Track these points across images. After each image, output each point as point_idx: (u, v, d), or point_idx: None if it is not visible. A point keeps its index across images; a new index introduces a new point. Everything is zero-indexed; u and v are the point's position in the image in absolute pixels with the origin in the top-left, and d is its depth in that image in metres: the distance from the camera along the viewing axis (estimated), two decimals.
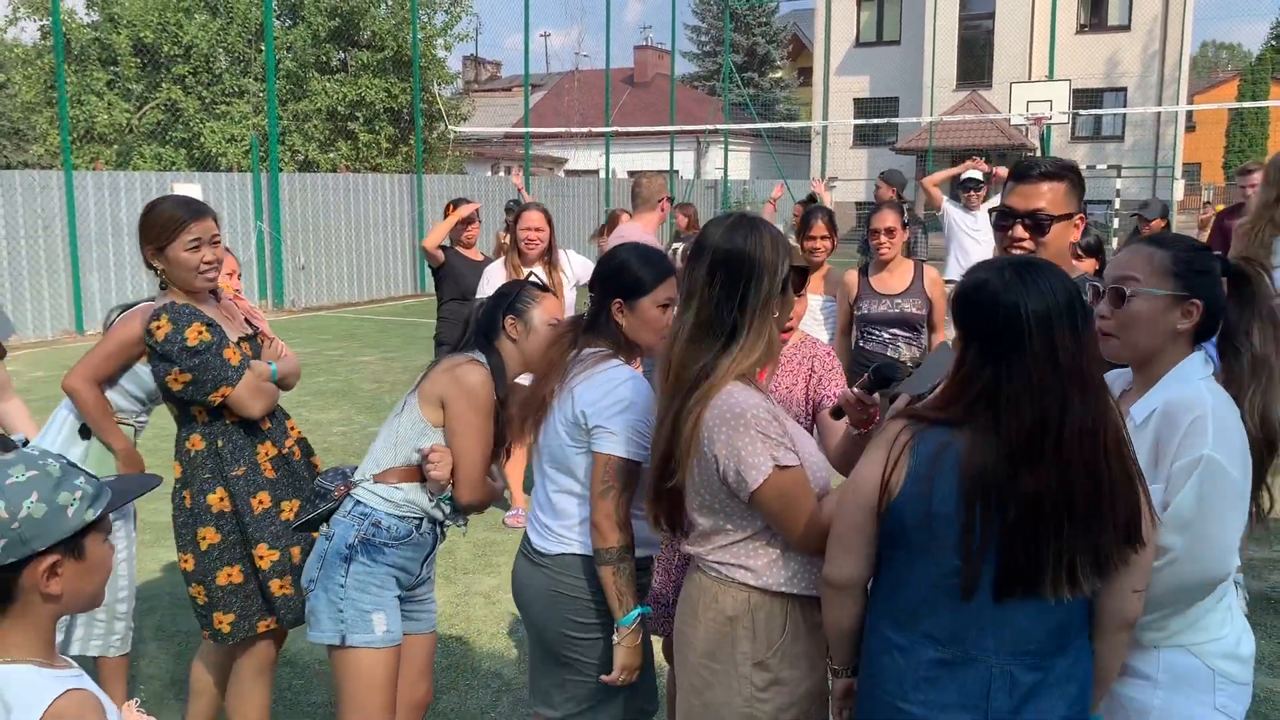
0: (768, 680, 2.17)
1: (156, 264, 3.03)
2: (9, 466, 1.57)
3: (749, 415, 2.10)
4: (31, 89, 21.29)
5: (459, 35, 23.67)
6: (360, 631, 2.72)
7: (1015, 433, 1.81)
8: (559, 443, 2.54)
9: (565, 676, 2.58)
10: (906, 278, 5.10)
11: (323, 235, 16.86)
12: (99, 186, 13.89)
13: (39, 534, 1.55)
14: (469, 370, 2.75)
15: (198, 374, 2.94)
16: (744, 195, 27.42)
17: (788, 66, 43.01)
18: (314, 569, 2.79)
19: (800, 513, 2.12)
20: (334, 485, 2.88)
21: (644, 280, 2.56)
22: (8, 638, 1.59)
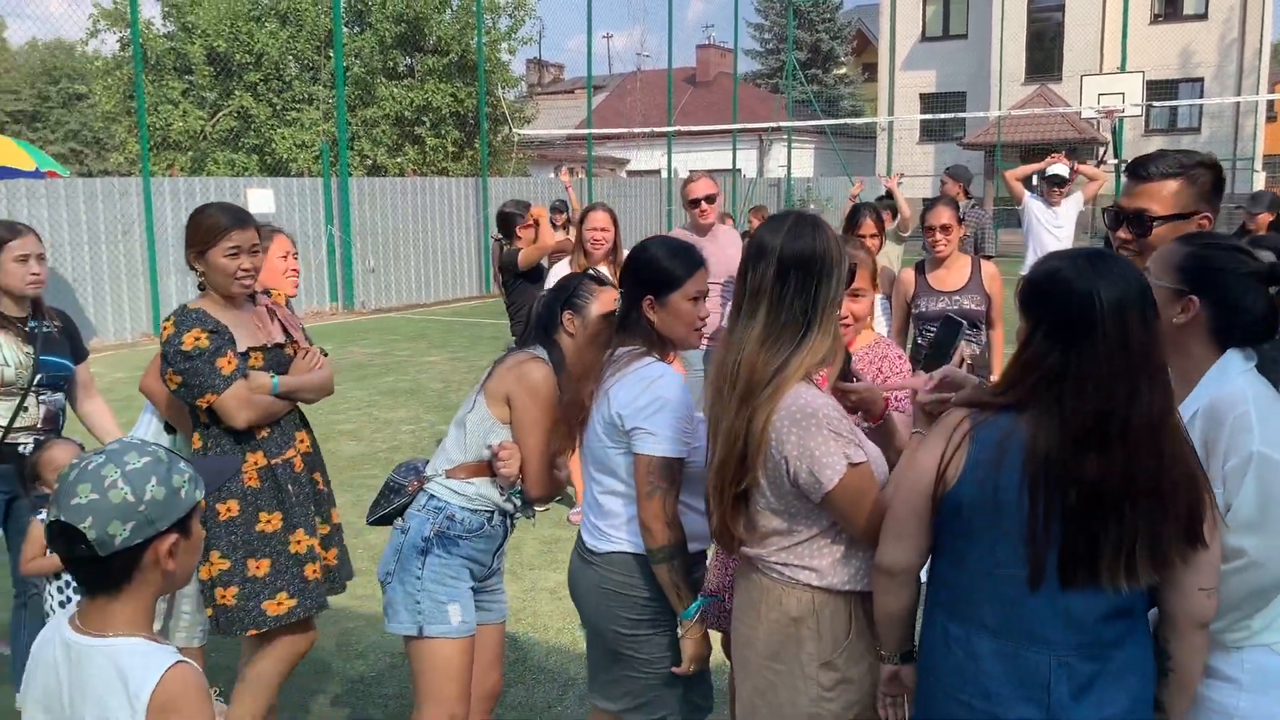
0: (835, 680, 2.17)
1: (197, 267, 3.11)
2: (124, 454, 1.66)
3: (820, 414, 2.10)
4: (111, 99, 21.96)
5: (523, 39, 23.90)
6: (437, 622, 2.78)
7: (1080, 417, 1.80)
8: (600, 444, 2.57)
9: (620, 672, 2.61)
10: (964, 274, 5.04)
11: (391, 238, 17.12)
12: (175, 192, 14.27)
13: (162, 514, 1.66)
14: (532, 367, 2.79)
15: (187, 378, 2.99)
16: (808, 193, 27.22)
17: (852, 63, 42.59)
18: (390, 562, 2.85)
19: (869, 506, 2.11)
20: (407, 480, 2.93)
21: (674, 274, 2.56)
22: (120, 614, 1.68)
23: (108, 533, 1.61)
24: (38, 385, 3.66)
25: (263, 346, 3.18)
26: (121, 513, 1.62)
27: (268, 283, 3.75)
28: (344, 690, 4.05)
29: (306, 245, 15.77)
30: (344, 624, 4.65)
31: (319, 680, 4.14)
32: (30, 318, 3.71)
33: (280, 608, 3.13)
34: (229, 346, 3.04)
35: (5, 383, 3.59)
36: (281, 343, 3.26)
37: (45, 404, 3.70)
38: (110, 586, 1.68)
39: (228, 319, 3.10)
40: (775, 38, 40.83)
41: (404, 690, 4.00)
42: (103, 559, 1.63)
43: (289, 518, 3.16)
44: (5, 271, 3.60)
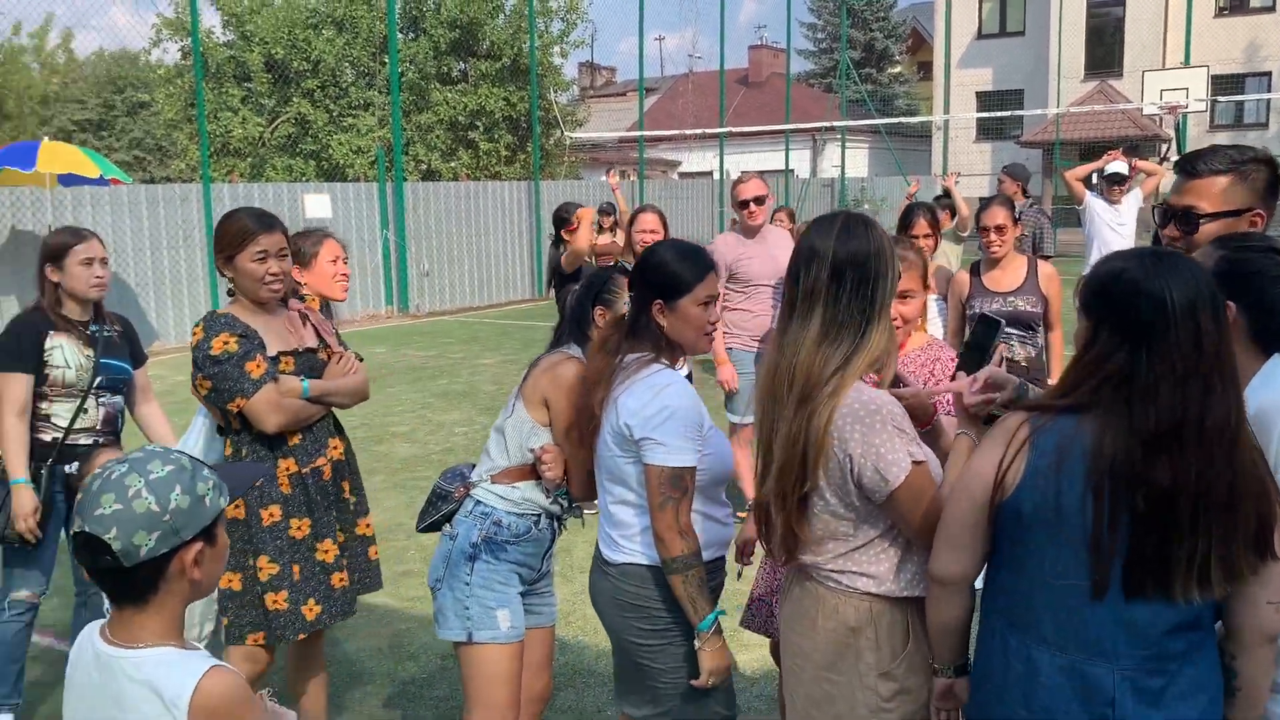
0: (893, 690, 2.13)
1: (226, 272, 3.11)
2: (147, 463, 1.64)
3: (884, 411, 2.06)
4: (173, 107, 22.43)
5: (575, 42, 23.99)
6: (486, 628, 2.78)
7: (1152, 420, 1.74)
8: (610, 453, 2.54)
9: (642, 680, 2.59)
10: (1019, 275, 4.95)
11: (445, 242, 17.27)
12: (234, 198, 14.51)
13: (187, 523, 1.64)
14: (566, 368, 2.78)
15: (216, 382, 2.98)
16: (862, 193, 26.97)
17: (907, 61, 42.17)
18: (440, 569, 2.85)
19: (929, 506, 2.07)
20: (453, 486, 2.92)
21: (684, 279, 2.51)
22: (149, 624, 1.67)
23: (133, 543, 1.59)
24: (97, 388, 3.72)
25: (293, 351, 3.16)
26: (147, 523, 1.60)
27: (317, 287, 3.78)
28: (395, 691, 4.08)
29: (363, 250, 15.97)
30: (396, 625, 4.68)
31: (371, 681, 4.17)
32: (92, 322, 3.78)
33: (311, 613, 3.12)
34: (258, 350, 3.03)
35: (66, 384, 3.66)
36: (314, 347, 3.24)
37: (105, 406, 3.77)
38: (137, 597, 1.66)
39: (257, 324, 3.09)
40: (829, 37, 40.55)
41: (454, 692, 4.01)
42: (128, 570, 1.61)
43: (316, 526, 3.14)
44: (70, 275, 3.67)
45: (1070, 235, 18.66)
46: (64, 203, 12.63)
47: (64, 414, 3.68)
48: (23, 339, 3.64)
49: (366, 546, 3.40)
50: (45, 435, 3.67)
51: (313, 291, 3.74)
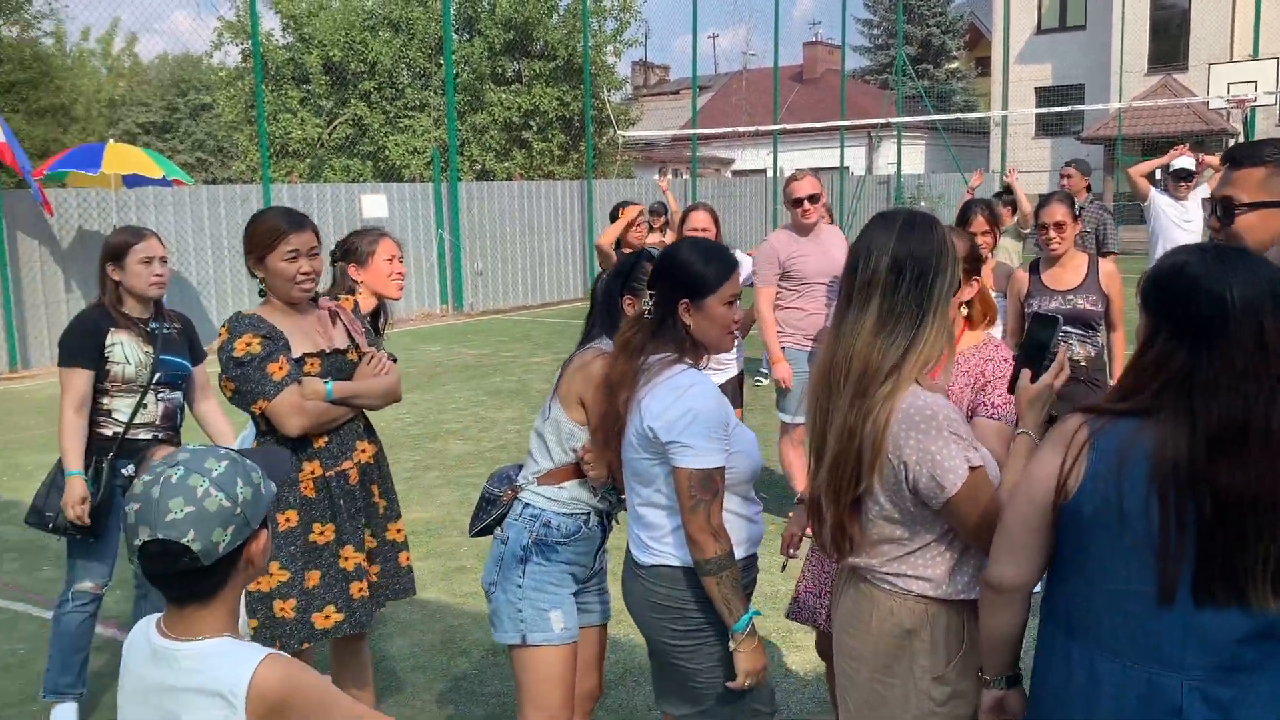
0: (946, 694, 2.10)
1: (257, 272, 3.09)
2: (202, 462, 1.65)
3: (940, 417, 2.02)
4: (233, 109, 22.84)
5: (628, 41, 24.02)
6: (539, 630, 2.78)
7: (1215, 421, 1.69)
8: (636, 456, 2.52)
9: (679, 681, 2.57)
10: (1080, 272, 4.85)
11: (499, 241, 17.38)
12: (293, 198, 14.73)
13: (255, 513, 1.68)
14: (598, 366, 2.75)
15: (239, 384, 2.97)
16: (918, 190, 26.66)
17: (964, 57, 41.58)
18: (493, 572, 2.85)
19: (986, 509, 2.03)
20: (501, 490, 2.91)
21: (711, 278, 2.49)
22: (208, 619, 1.69)
23: (212, 541, 1.61)
24: (156, 384, 3.79)
25: (320, 352, 3.12)
26: (222, 519, 1.62)
27: (373, 285, 3.81)
28: (447, 687, 4.10)
29: (418, 249, 16.14)
30: (448, 621, 4.71)
31: (422, 677, 4.20)
32: (152, 319, 3.85)
33: (328, 621, 3.07)
34: (282, 352, 2.99)
35: (126, 380, 3.74)
36: (343, 348, 3.19)
37: (164, 402, 3.84)
38: (206, 594, 1.68)
39: (285, 324, 3.06)
40: (884, 33, 40.15)
41: (506, 689, 4.03)
42: (204, 569, 1.63)
43: (340, 532, 3.10)
44: (130, 273, 3.74)
45: (1131, 233, 18.29)
46: (128, 203, 12.92)
47: (124, 409, 3.76)
48: (84, 336, 3.72)
49: (398, 552, 3.36)
50: (106, 430, 3.76)
51: (368, 290, 3.77)
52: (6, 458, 8.01)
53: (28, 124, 16.70)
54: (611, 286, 2.91)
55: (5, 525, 6.26)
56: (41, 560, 5.63)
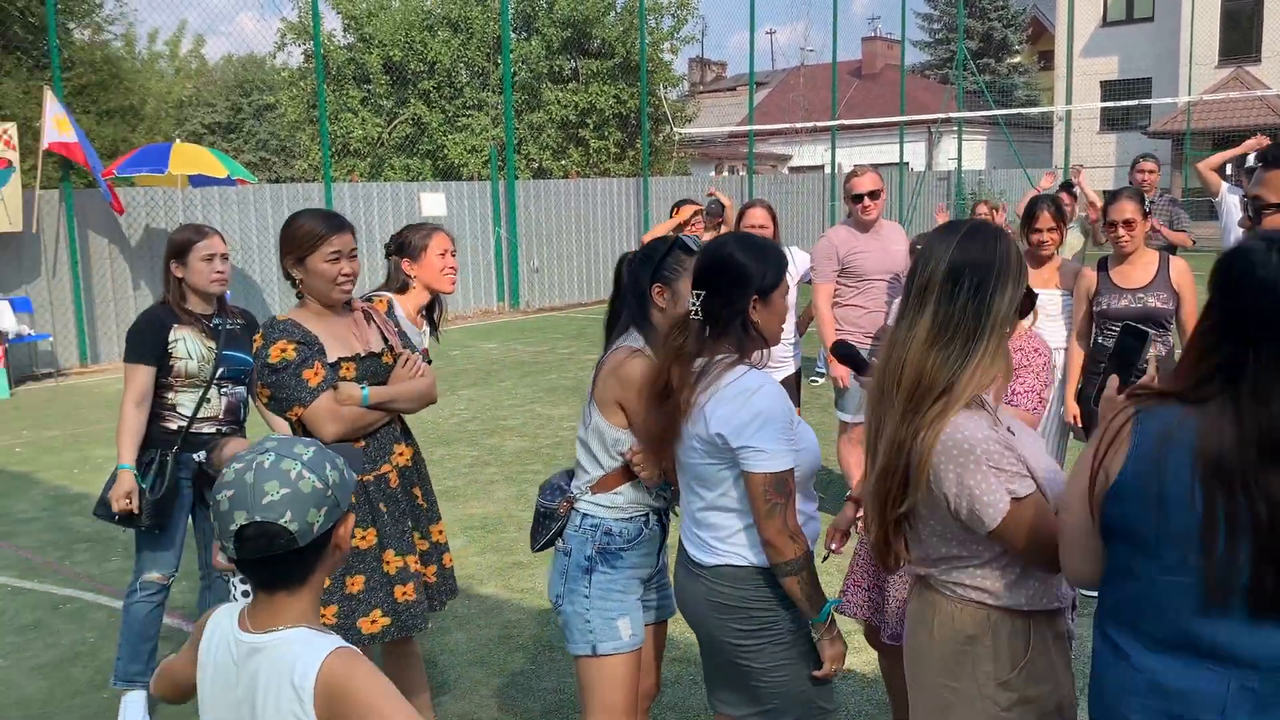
0: (1012, 700, 2.05)
1: (296, 274, 3.07)
2: (291, 447, 1.70)
3: (979, 450, 1.96)
4: (296, 109, 23.21)
5: (685, 38, 23.96)
6: (608, 639, 2.76)
7: (1264, 425, 1.60)
8: (699, 462, 2.48)
9: (741, 681, 2.54)
10: (1150, 270, 4.72)
11: (555, 239, 17.46)
12: (354, 197, 14.94)
13: (344, 495, 1.73)
14: (632, 367, 2.69)
15: (274, 391, 2.95)
16: (979, 187, 26.28)
17: (1027, 51, 40.88)
18: (559, 585, 2.82)
19: (1041, 537, 1.97)
20: (555, 503, 2.86)
21: (773, 272, 2.47)
22: (293, 606, 1.72)
23: (307, 521, 1.65)
24: (219, 378, 3.85)
25: (355, 356, 3.09)
26: (315, 500, 1.66)
27: (426, 279, 3.79)
28: (504, 682, 4.12)
29: (475, 246, 16.28)
30: (506, 616, 4.73)
31: (480, 672, 4.22)
32: (215, 315, 3.91)
33: (374, 626, 3.04)
34: (317, 357, 2.98)
35: (189, 375, 3.80)
36: (377, 351, 3.17)
37: (227, 396, 3.89)
38: (297, 579, 1.72)
39: (320, 329, 3.03)
40: (945, 27, 39.63)
41: (563, 684, 4.04)
42: (296, 551, 1.67)
43: (381, 535, 3.08)
44: (192, 270, 3.81)
45: (1201, 229, 17.82)
46: (194, 202, 13.18)
47: (188, 403, 3.83)
48: (148, 332, 3.79)
49: (440, 554, 3.35)
50: (171, 424, 3.83)
51: (421, 284, 3.78)
52: (77, 451, 8.21)
53: (98, 124, 17.11)
54: (640, 273, 2.81)
55: (76, 517, 6.42)
56: (110, 551, 5.77)
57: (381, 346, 3.19)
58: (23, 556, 5.81)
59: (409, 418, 3.33)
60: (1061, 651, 2.10)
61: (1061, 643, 2.10)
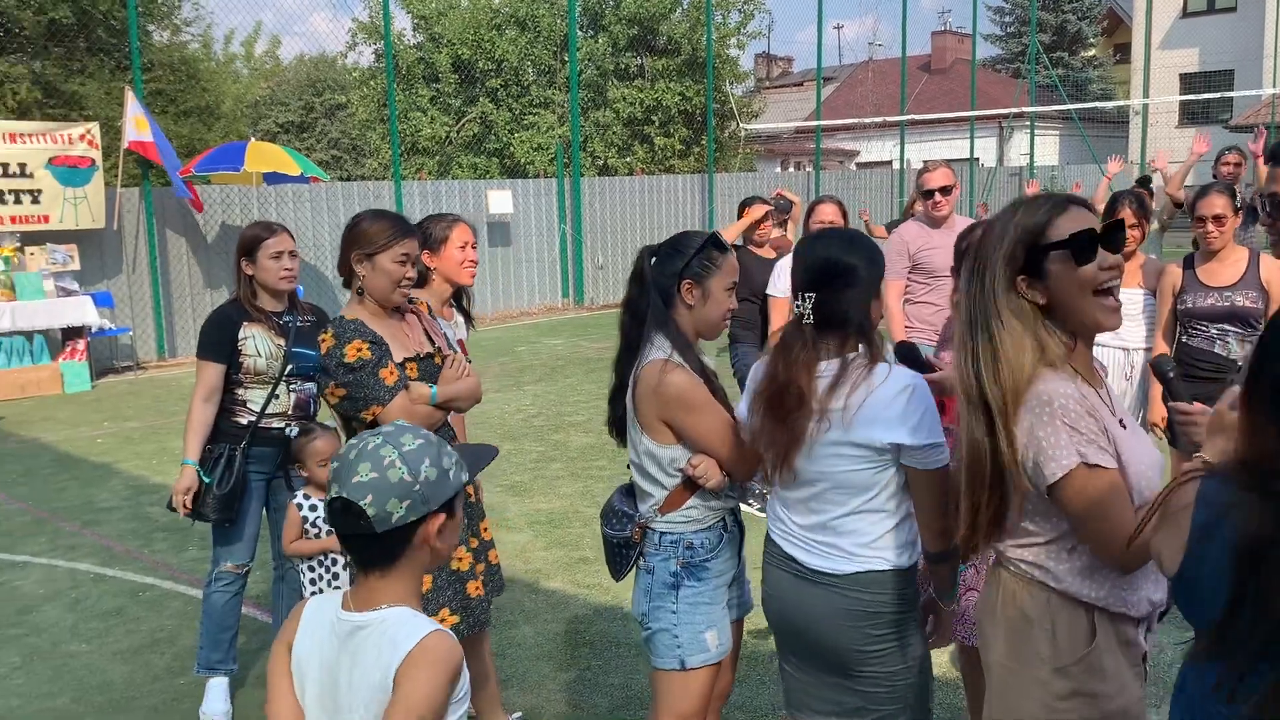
0: (1068, 690, 2.00)
1: (361, 270, 3.08)
2: (400, 435, 1.73)
3: (1056, 404, 1.93)
4: (366, 108, 23.54)
5: (752, 34, 23.83)
6: (697, 652, 2.71)
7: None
8: (843, 467, 2.39)
9: (854, 688, 2.48)
10: (1239, 268, 4.56)
11: (620, 236, 17.49)
12: (423, 195, 15.12)
13: (434, 494, 1.73)
14: (666, 381, 2.62)
15: (352, 390, 2.96)
16: (1051, 182, 25.74)
17: (1102, 43, 39.97)
18: (643, 603, 2.77)
19: (1106, 520, 1.91)
20: (628, 530, 2.79)
21: (880, 266, 2.47)
22: (392, 587, 1.75)
23: (386, 510, 1.68)
24: (288, 375, 3.89)
25: (416, 356, 3.14)
26: (399, 491, 1.69)
27: (445, 271, 3.78)
28: (572, 677, 4.13)
29: (541, 243, 16.39)
30: (572, 611, 4.75)
31: (547, 666, 4.24)
32: (286, 312, 3.94)
33: (444, 624, 3.09)
34: (389, 357, 3.03)
35: (258, 372, 3.84)
36: (430, 352, 3.22)
37: (296, 392, 3.92)
38: (383, 563, 1.75)
39: (381, 329, 3.07)
40: (1017, 21, 38.91)
41: (630, 681, 4.04)
42: (379, 535, 1.70)
43: None
44: (261, 267, 3.84)
45: None
46: (268, 199, 13.44)
47: (258, 399, 3.87)
48: (218, 329, 3.84)
49: (487, 550, 3.39)
50: (241, 419, 3.87)
51: (441, 276, 3.77)
52: (156, 442, 8.43)
53: (175, 124, 17.53)
54: (666, 268, 2.72)
55: (154, 507, 6.58)
56: (188, 541, 5.91)
57: (432, 348, 3.24)
58: (104, 545, 5.98)
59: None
60: (1131, 658, 2.04)
61: (1130, 650, 2.04)
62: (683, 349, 2.68)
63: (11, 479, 7.47)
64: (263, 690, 4.11)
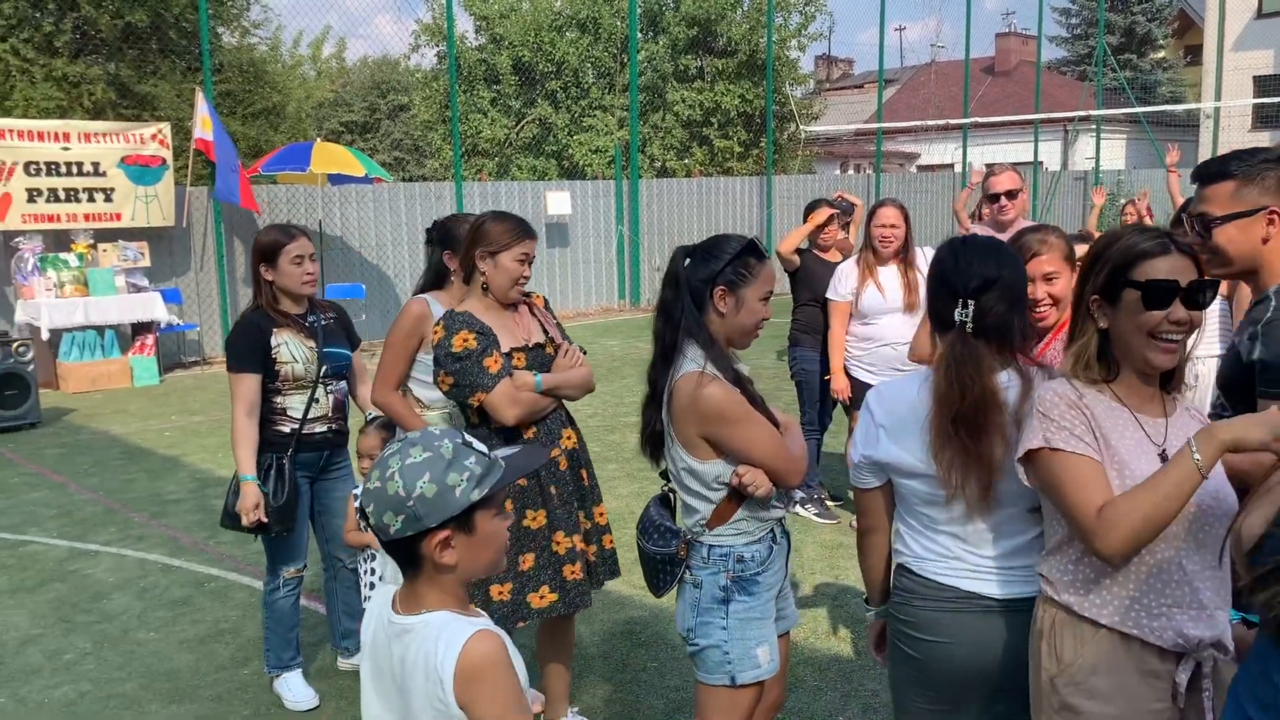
0: (1059, 702, 2.04)
1: (483, 267, 3.25)
2: (410, 447, 1.71)
3: (1040, 397, 2.10)
4: (428, 109, 23.79)
5: (812, 35, 23.67)
6: (748, 668, 2.66)
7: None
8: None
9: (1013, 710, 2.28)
10: None
11: (677, 237, 17.46)
12: (483, 196, 15.25)
13: (430, 512, 1.68)
14: (703, 396, 2.55)
15: (458, 378, 3.13)
16: (1117, 187, 25.24)
17: (1172, 45, 39.08)
18: (690, 618, 2.71)
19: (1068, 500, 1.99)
20: (672, 547, 2.74)
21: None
22: (426, 594, 1.76)
23: (383, 522, 1.69)
24: (324, 377, 3.90)
25: (524, 346, 3.29)
26: (393, 505, 1.68)
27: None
28: (628, 678, 4.15)
29: (598, 245, 16.44)
30: (628, 612, 4.76)
31: (604, 665, 4.25)
32: (308, 313, 3.95)
33: (543, 601, 3.23)
34: (494, 347, 3.18)
35: (296, 378, 3.84)
36: (541, 342, 3.35)
37: (333, 394, 3.96)
38: (408, 568, 1.76)
39: (492, 321, 3.24)
40: (1083, 22, 38.19)
41: (684, 683, 4.04)
42: (392, 544, 1.72)
43: (551, 517, 3.25)
44: (282, 273, 3.83)
45: None
46: (332, 199, 13.65)
47: (298, 405, 3.87)
48: (250, 339, 3.81)
49: (602, 534, 3.50)
50: (284, 427, 3.87)
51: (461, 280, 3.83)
52: (221, 436, 8.60)
53: (243, 125, 17.87)
54: (699, 272, 2.63)
55: (220, 500, 6.68)
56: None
57: (543, 338, 3.37)
58: (171, 536, 6.12)
59: (574, 405, 3.51)
60: (1153, 690, 1.98)
61: (1152, 681, 1.98)
62: (716, 358, 2.60)
63: (83, 470, 7.68)
64: (324, 681, 4.18)
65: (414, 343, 3.65)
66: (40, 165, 11.03)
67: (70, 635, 4.74)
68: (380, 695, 1.81)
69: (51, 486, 7.25)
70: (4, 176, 10.81)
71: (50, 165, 11.10)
